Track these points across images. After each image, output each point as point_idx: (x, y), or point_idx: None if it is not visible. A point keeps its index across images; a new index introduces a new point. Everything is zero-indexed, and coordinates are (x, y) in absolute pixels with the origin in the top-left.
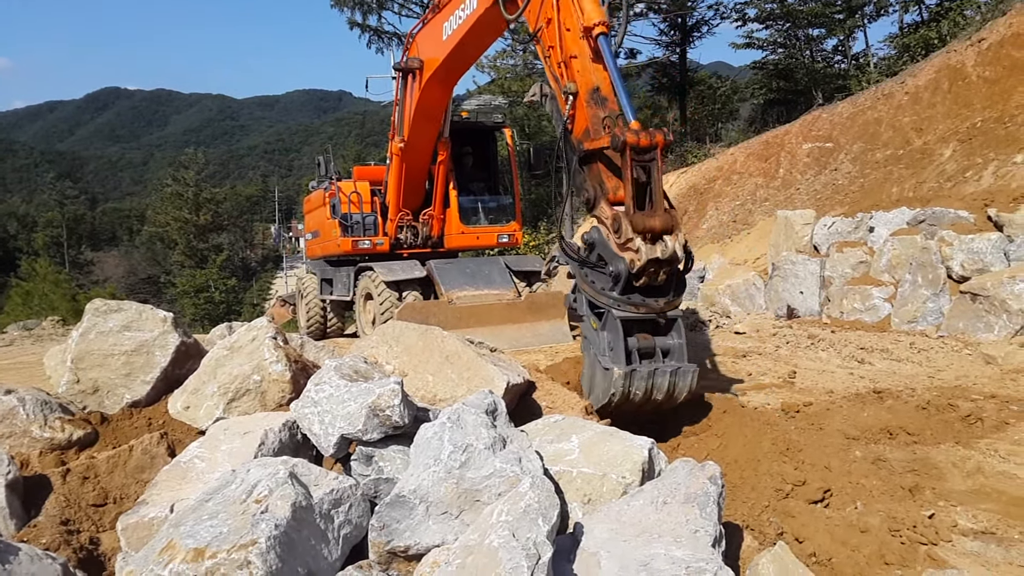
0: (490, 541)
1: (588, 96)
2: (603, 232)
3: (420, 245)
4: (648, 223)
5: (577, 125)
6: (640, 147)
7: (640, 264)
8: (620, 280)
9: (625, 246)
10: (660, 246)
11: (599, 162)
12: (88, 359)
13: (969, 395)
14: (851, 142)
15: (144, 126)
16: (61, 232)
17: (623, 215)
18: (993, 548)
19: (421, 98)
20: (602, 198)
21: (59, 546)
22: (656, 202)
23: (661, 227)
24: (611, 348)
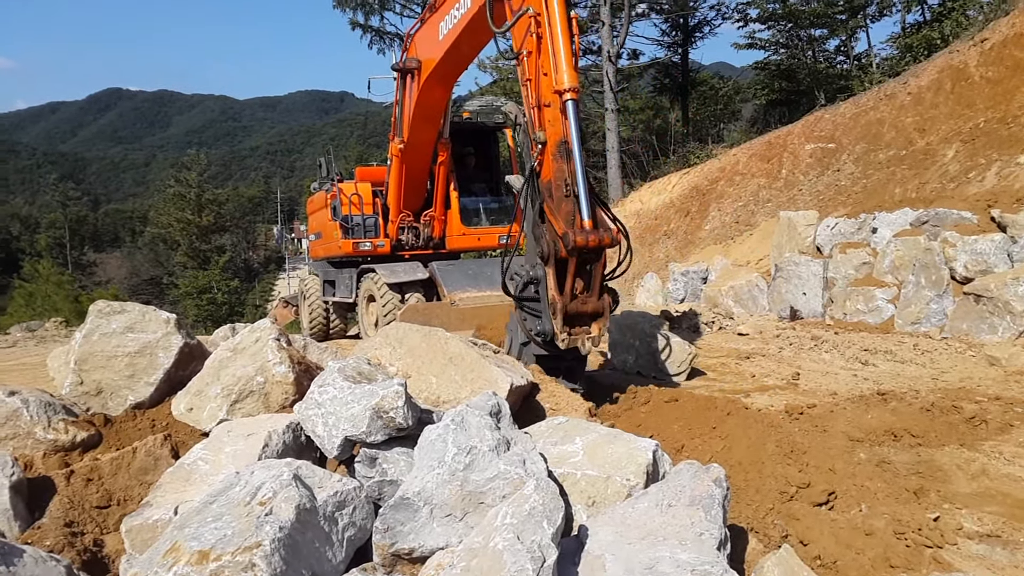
0: (495, 544)
1: (556, 149)
2: (548, 284)
3: (421, 246)
4: (587, 309)
5: (543, 174)
6: (589, 249)
7: (560, 343)
8: (544, 337)
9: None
10: (580, 339)
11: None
12: (91, 360)
13: (973, 397)
14: (854, 143)
15: (146, 127)
16: (64, 233)
17: (560, 300)
18: (999, 551)
19: (420, 98)
20: (553, 256)
21: (63, 548)
22: (595, 290)
23: (592, 312)
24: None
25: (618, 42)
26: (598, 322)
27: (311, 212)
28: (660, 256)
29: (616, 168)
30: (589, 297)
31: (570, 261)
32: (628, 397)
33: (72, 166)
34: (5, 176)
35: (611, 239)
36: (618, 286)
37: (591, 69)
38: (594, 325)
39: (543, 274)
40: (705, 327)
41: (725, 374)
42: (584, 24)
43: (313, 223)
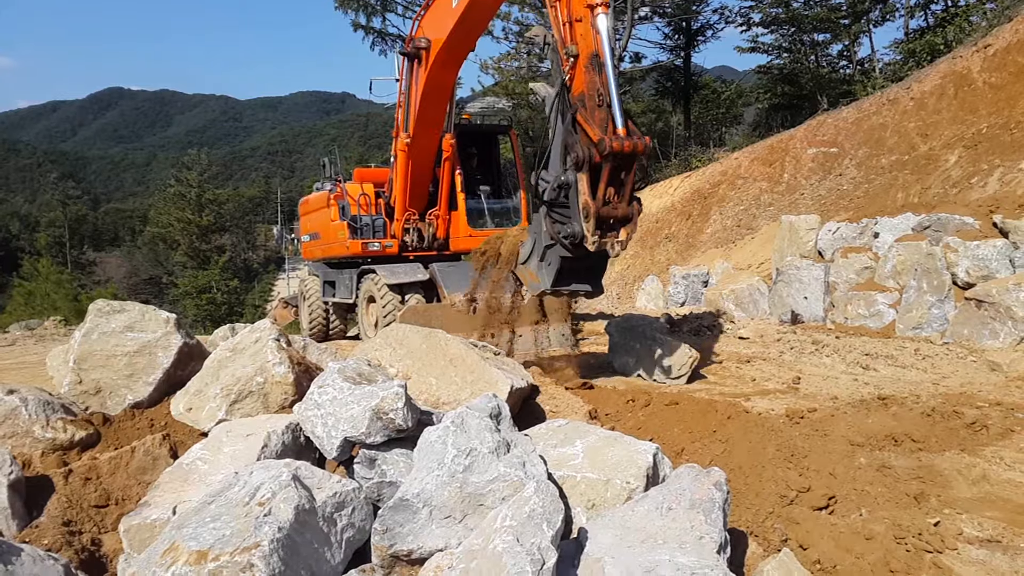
0: (494, 546)
1: (588, 62)
2: (580, 189)
3: (426, 247)
4: (617, 214)
5: (575, 86)
6: (624, 154)
7: (589, 245)
8: (573, 239)
9: (586, 226)
10: (610, 242)
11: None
12: (91, 360)
13: (974, 402)
14: (856, 147)
15: (147, 126)
16: (63, 232)
17: (594, 204)
18: (999, 556)
19: (428, 81)
20: (587, 161)
21: (61, 547)
22: (626, 195)
23: (621, 217)
24: (548, 264)
25: (621, 45)
26: (626, 227)
27: (305, 213)
28: (661, 259)
29: None
30: (619, 203)
31: (604, 167)
32: (628, 400)
33: (72, 165)
34: (5, 175)
35: (644, 146)
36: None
37: None
38: (622, 230)
39: (575, 179)
40: (705, 330)
41: (725, 378)
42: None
43: (309, 224)
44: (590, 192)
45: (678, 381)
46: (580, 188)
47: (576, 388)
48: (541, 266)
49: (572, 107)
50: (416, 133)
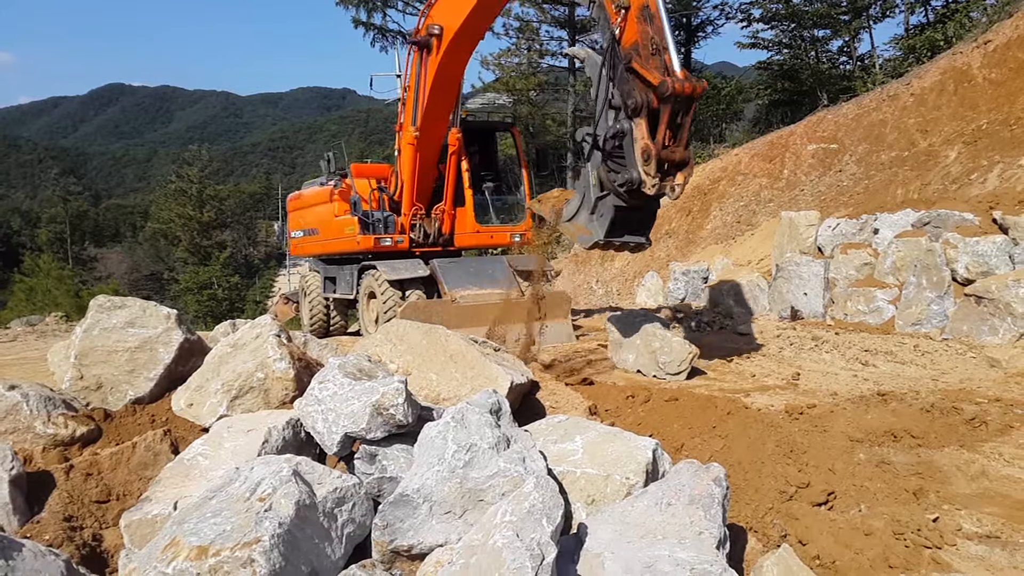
0: (494, 541)
1: (639, 13)
2: (636, 136)
3: (431, 243)
4: (675, 157)
5: (626, 38)
6: (684, 95)
7: (648, 189)
8: (630, 185)
9: (645, 170)
10: (668, 185)
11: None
12: (92, 355)
13: (973, 398)
14: (856, 143)
15: (148, 122)
16: (64, 228)
17: (654, 147)
18: (998, 552)
19: (439, 70)
20: (645, 107)
21: (62, 543)
22: (683, 140)
23: (679, 160)
24: (600, 216)
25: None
26: (683, 172)
27: (297, 209)
28: (661, 255)
29: None
30: (677, 147)
31: (663, 110)
32: (628, 396)
33: (73, 161)
34: (6, 171)
35: (702, 88)
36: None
37: None
38: (679, 175)
39: (630, 127)
40: (705, 326)
41: (725, 374)
42: (587, 23)
43: (300, 219)
44: (649, 136)
45: (678, 377)
46: (637, 134)
47: (576, 384)
48: (592, 219)
49: (625, 57)
50: (424, 126)
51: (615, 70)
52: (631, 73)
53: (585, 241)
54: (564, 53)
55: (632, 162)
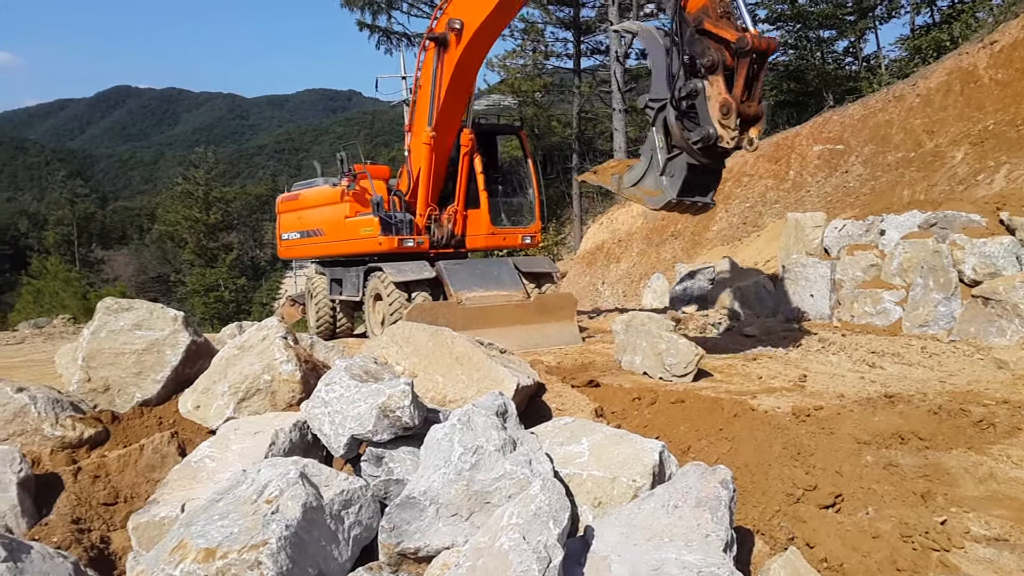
0: (500, 543)
1: None
2: (709, 93)
3: (444, 244)
4: (751, 112)
5: (692, 4)
6: (759, 51)
7: (725, 144)
8: (707, 141)
9: (724, 124)
10: (745, 138)
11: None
12: (99, 357)
13: (981, 400)
14: (862, 144)
15: (155, 124)
16: (72, 230)
17: (733, 100)
18: (1006, 555)
19: (458, 66)
20: (720, 64)
21: (70, 545)
22: (755, 96)
23: (753, 114)
24: (671, 176)
25: (626, 42)
26: (756, 126)
27: (296, 209)
28: (667, 257)
29: None
30: (751, 102)
31: (741, 65)
32: (634, 398)
33: (80, 163)
34: (13, 173)
35: (776, 44)
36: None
37: (599, 69)
38: (752, 129)
39: (702, 86)
40: (712, 328)
41: (732, 376)
42: (592, 24)
43: (297, 221)
44: (727, 91)
45: (684, 379)
46: (711, 92)
47: (582, 386)
48: (662, 180)
49: (695, 20)
50: (438, 125)
51: (682, 35)
52: (702, 34)
53: (656, 202)
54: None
55: (707, 119)
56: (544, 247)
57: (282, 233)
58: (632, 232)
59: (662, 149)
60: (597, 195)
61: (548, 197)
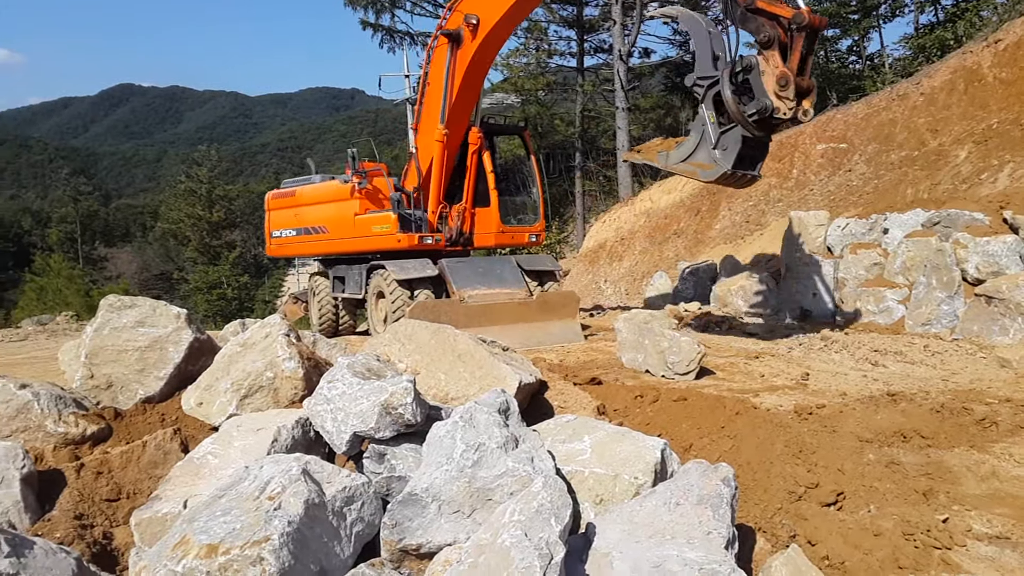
0: (502, 540)
1: None
2: (764, 68)
3: (455, 241)
4: (804, 85)
5: None
6: (814, 27)
7: (782, 115)
8: (763, 113)
9: (781, 96)
10: (801, 109)
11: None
12: (102, 354)
13: (984, 399)
14: (865, 143)
15: (158, 123)
16: (75, 228)
17: (791, 73)
18: (1008, 553)
19: (472, 62)
20: (775, 40)
21: (73, 540)
22: (807, 70)
23: (807, 87)
24: (724, 149)
25: (629, 41)
26: (808, 99)
27: (293, 206)
28: (670, 255)
29: (626, 167)
30: (803, 76)
31: (796, 39)
32: (636, 396)
33: (84, 161)
34: (17, 171)
35: (827, 22)
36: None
37: (602, 68)
38: (805, 101)
39: (756, 61)
40: (714, 326)
41: (734, 374)
42: (595, 22)
43: (293, 217)
44: (784, 64)
45: (686, 377)
46: (766, 67)
47: (584, 384)
48: (715, 153)
49: (738, 6)
50: (449, 122)
51: (732, 16)
52: (755, 12)
53: (709, 174)
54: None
55: (763, 92)
56: (547, 245)
57: (273, 230)
58: (635, 230)
59: (713, 124)
60: (600, 193)
61: (551, 196)
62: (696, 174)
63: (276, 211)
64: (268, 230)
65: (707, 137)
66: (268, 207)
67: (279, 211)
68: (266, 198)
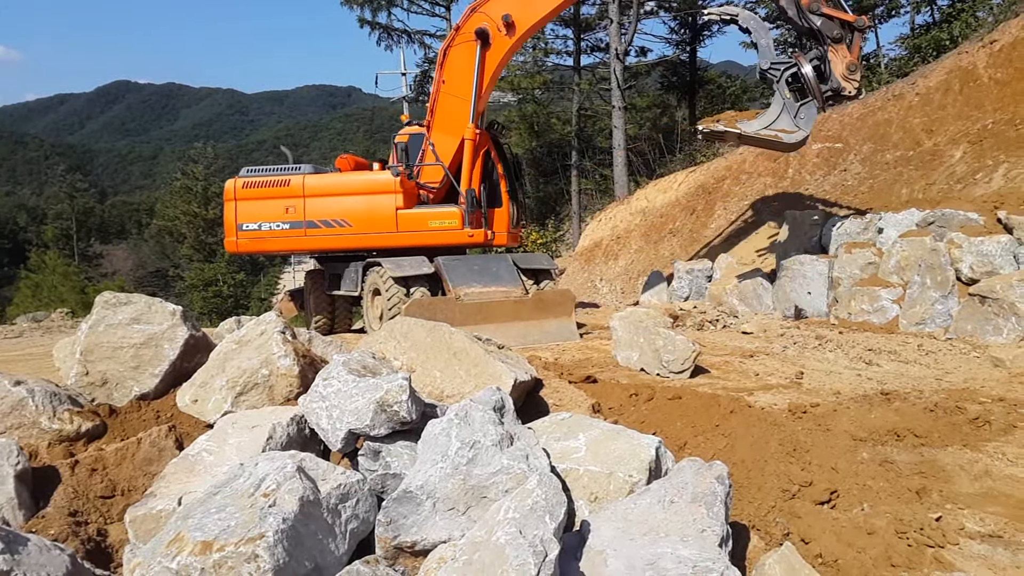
0: (497, 538)
1: None
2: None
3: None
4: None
5: None
6: (867, 28)
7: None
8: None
9: (849, 79)
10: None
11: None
12: (97, 351)
13: (977, 398)
14: (861, 143)
15: (154, 120)
16: (71, 225)
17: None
18: (1000, 551)
19: (502, 61)
20: (847, 36)
21: (67, 537)
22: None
23: (862, 75)
24: (803, 119)
25: (626, 39)
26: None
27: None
28: (665, 254)
29: (622, 166)
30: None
31: (857, 37)
32: (631, 394)
33: (80, 158)
34: (13, 167)
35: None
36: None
37: (599, 67)
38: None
39: (826, 51)
40: (709, 325)
41: (729, 372)
42: (592, 21)
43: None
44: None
45: (681, 375)
46: (835, 56)
47: (579, 382)
48: (798, 121)
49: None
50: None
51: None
52: (821, 16)
53: (792, 138)
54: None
55: (833, 76)
56: (543, 244)
57: (241, 222)
58: (630, 229)
59: (789, 99)
60: (596, 192)
61: (547, 192)
62: (779, 138)
63: (247, 201)
64: (232, 222)
65: (788, 108)
66: (232, 196)
67: (251, 202)
68: (228, 187)
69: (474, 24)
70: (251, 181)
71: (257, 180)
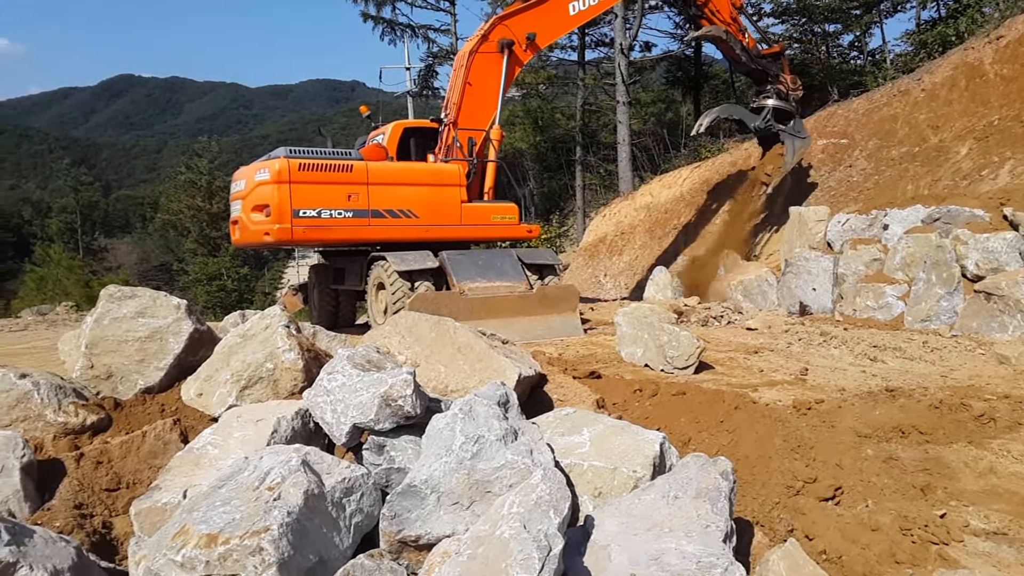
0: (501, 532)
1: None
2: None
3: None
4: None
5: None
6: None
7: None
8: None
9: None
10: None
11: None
12: (102, 345)
13: (982, 395)
14: (866, 139)
15: (158, 113)
16: (75, 218)
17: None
18: (1005, 548)
19: (518, 71)
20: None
21: (72, 529)
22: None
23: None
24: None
25: (631, 34)
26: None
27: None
28: (670, 249)
29: (627, 161)
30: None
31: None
32: (636, 390)
33: (84, 151)
34: (17, 161)
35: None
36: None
37: (603, 62)
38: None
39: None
40: (713, 321)
41: (733, 368)
42: (596, 17)
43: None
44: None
45: (686, 371)
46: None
47: (583, 377)
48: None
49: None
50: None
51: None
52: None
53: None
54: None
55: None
56: (547, 239)
57: (298, 208)
58: (635, 225)
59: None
60: (600, 187)
61: (551, 188)
62: (802, 152)
63: (304, 185)
64: (286, 207)
65: (789, 134)
66: (287, 178)
67: (310, 186)
68: (280, 167)
69: (499, 35)
70: (308, 163)
71: (315, 162)
